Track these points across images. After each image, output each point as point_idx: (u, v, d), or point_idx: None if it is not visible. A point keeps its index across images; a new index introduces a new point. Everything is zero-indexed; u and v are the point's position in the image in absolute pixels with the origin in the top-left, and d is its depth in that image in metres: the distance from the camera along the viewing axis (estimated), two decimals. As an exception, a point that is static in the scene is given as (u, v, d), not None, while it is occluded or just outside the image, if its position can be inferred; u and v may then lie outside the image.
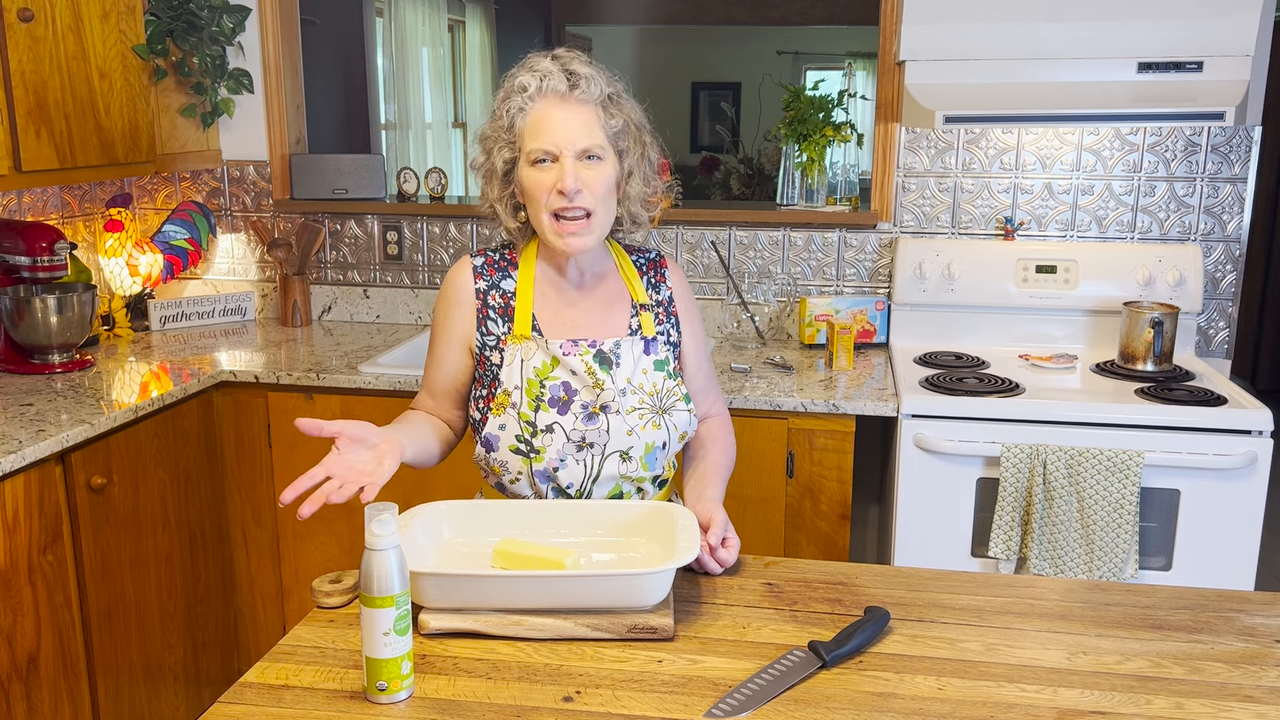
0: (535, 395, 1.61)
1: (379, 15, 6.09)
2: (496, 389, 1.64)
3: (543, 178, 1.57)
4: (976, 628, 1.47)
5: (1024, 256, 2.90)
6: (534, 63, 1.60)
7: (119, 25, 2.78)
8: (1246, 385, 2.77)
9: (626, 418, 1.62)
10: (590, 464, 1.63)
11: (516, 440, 1.62)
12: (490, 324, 1.67)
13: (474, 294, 1.68)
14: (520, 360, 1.63)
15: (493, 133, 1.63)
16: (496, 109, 1.62)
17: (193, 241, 3.28)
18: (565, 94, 1.57)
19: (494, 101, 1.64)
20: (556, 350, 1.63)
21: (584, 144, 1.57)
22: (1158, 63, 2.55)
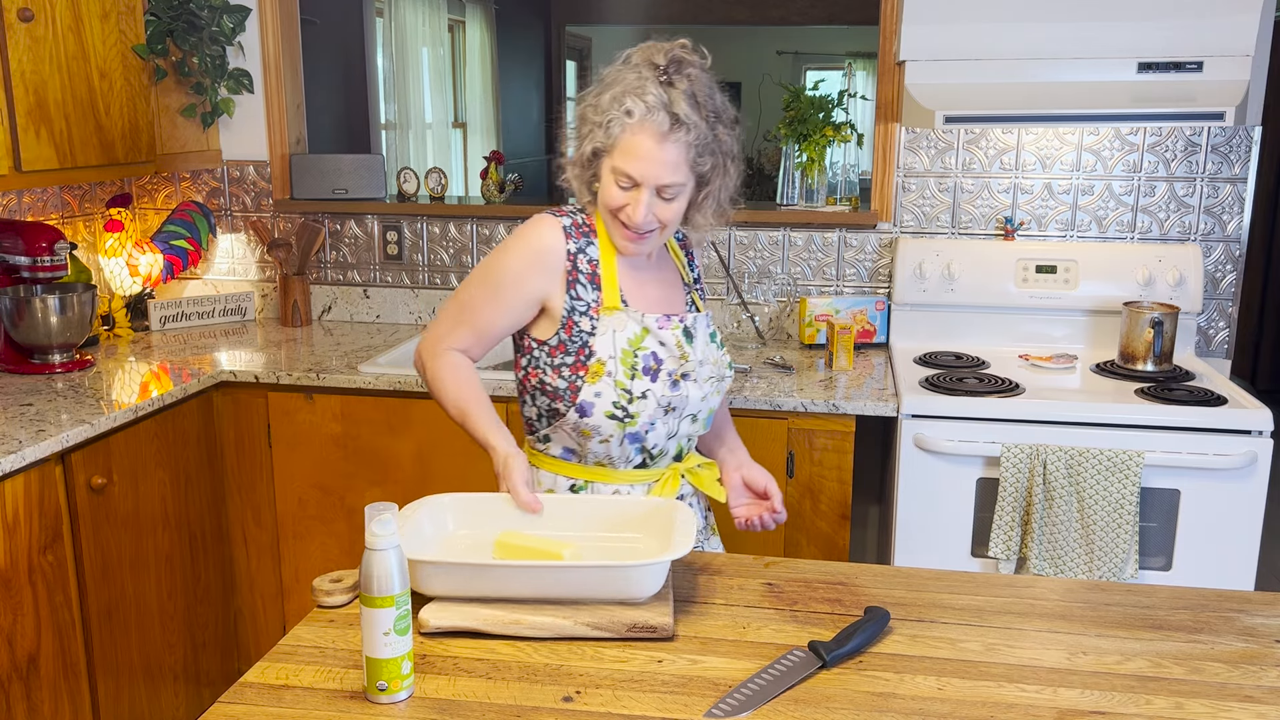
0: (630, 365, 1.68)
1: (379, 15, 6.10)
2: (587, 357, 1.69)
3: (619, 194, 1.65)
4: (976, 628, 1.47)
5: (1024, 256, 2.90)
6: (646, 86, 1.61)
7: (119, 25, 2.78)
8: (1246, 385, 2.77)
9: (702, 385, 1.74)
10: (671, 426, 1.74)
11: (613, 406, 1.68)
12: (580, 289, 1.70)
13: (565, 255, 1.70)
14: (613, 331, 1.69)
15: (589, 122, 1.67)
16: (600, 102, 1.66)
17: (193, 241, 3.28)
18: (665, 133, 1.60)
19: (598, 87, 1.68)
20: (650, 323, 1.71)
21: (666, 180, 1.63)
22: (1158, 63, 2.55)
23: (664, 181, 1.62)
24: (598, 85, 1.68)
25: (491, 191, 3.37)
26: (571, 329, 1.70)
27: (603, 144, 1.65)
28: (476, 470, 2.70)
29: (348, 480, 2.78)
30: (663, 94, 1.60)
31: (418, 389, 2.68)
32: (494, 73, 7.90)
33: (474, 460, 2.69)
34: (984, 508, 2.48)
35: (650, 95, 1.60)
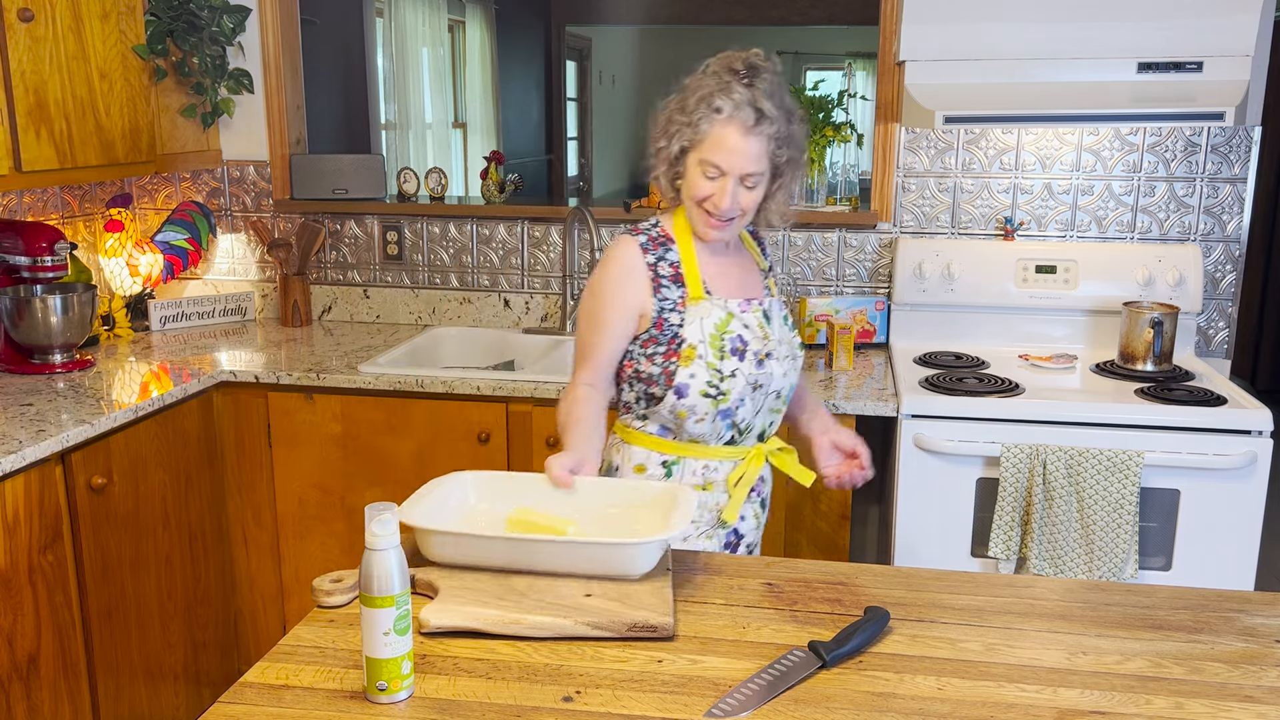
0: (719, 347, 1.85)
1: (379, 15, 6.10)
2: (678, 344, 1.85)
3: (706, 185, 1.81)
4: (976, 628, 1.47)
5: (1024, 256, 2.90)
6: (732, 86, 1.78)
7: (119, 25, 2.78)
8: (1246, 385, 2.77)
9: (782, 363, 1.90)
10: (758, 402, 1.88)
11: (707, 385, 1.83)
12: (665, 290, 1.87)
13: (645, 266, 1.88)
14: (700, 319, 1.85)
15: (676, 122, 1.83)
16: (688, 104, 1.81)
17: (193, 241, 3.28)
18: (751, 126, 1.77)
19: (680, 95, 1.84)
20: (734, 308, 1.88)
21: (749, 170, 1.79)
22: (1158, 63, 2.55)
23: (747, 170, 1.79)
24: (679, 93, 1.85)
25: (491, 191, 3.37)
26: (662, 325, 1.86)
27: (690, 140, 1.81)
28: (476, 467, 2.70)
29: (348, 480, 2.78)
30: (747, 93, 1.77)
31: (418, 389, 2.68)
32: (494, 73, 7.90)
33: (473, 461, 2.70)
34: (984, 508, 2.48)
35: (736, 94, 1.77)
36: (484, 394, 2.66)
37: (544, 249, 3.25)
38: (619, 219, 3.17)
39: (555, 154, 9.38)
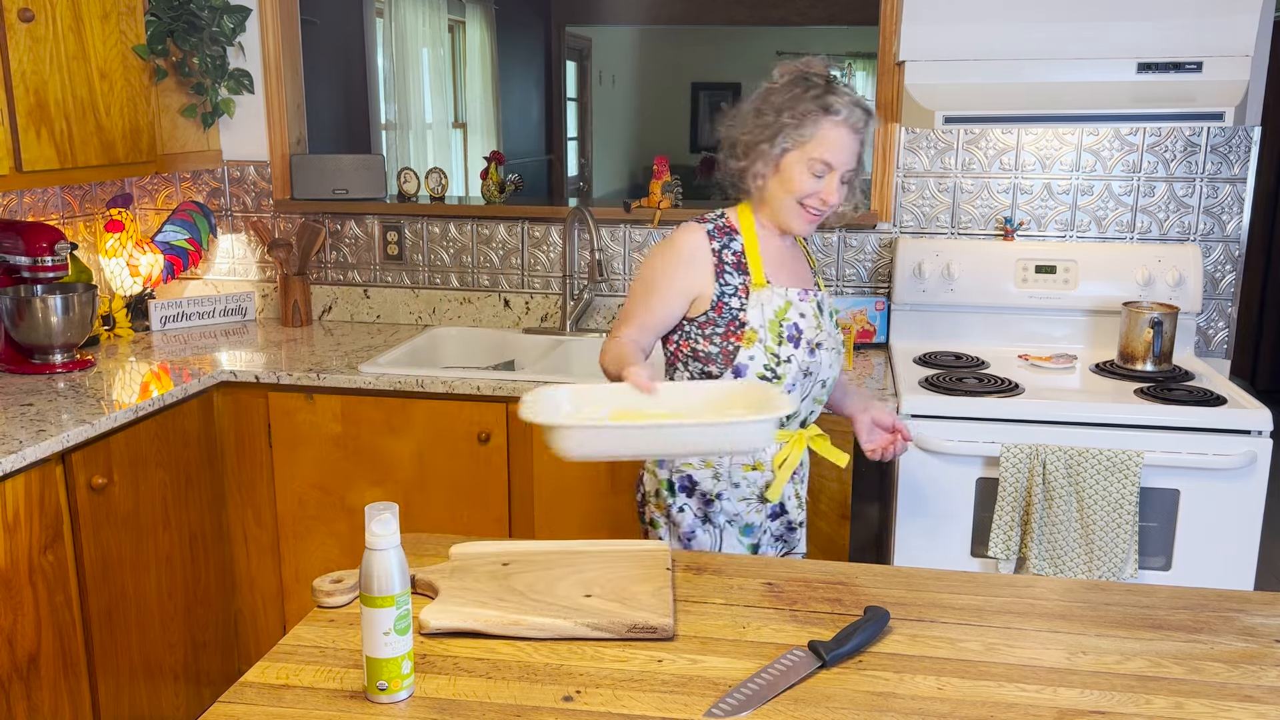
0: (778, 333, 1.96)
1: (379, 15, 6.10)
2: (738, 327, 1.95)
3: (811, 181, 1.92)
4: (976, 628, 1.47)
5: (1023, 256, 2.90)
6: (838, 90, 1.91)
7: (119, 25, 2.78)
8: (1246, 385, 2.77)
9: (829, 353, 2.02)
10: (805, 389, 2.00)
11: (764, 369, 1.95)
12: (728, 276, 1.97)
13: (710, 253, 1.98)
14: (762, 305, 1.96)
15: (782, 124, 1.90)
16: (793, 107, 1.90)
17: (193, 242, 3.28)
18: (859, 128, 1.92)
19: (765, 104, 1.92)
20: (793, 297, 1.99)
21: (851, 166, 1.94)
22: (1157, 63, 2.55)
23: (849, 167, 1.93)
24: (761, 101, 1.93)
25: (491, 191, 3.37)
26: (722, 309, 1.96)
27: (796, 140, 1.90)
28: (476, 470, 2.71)
29: (348, 480, 2.78)
30: (851, 95, 1.91)
31: (418, 389, 2.68)
32: (494, 73, 7.90)
33: (474, 461, 2.70)
34: (984, 507, 2.48)
35: (845, 96, 1.90)
36: (484, 394, 2.66)
37: (544, 249, 3.26)
38: (619, 219, 3.17)
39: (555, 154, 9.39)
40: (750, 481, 2.02)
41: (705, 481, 2.01)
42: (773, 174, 1.94)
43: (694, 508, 2.01)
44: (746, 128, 1.95)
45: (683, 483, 2.02)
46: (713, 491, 2.01)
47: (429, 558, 1.67)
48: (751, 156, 1.95)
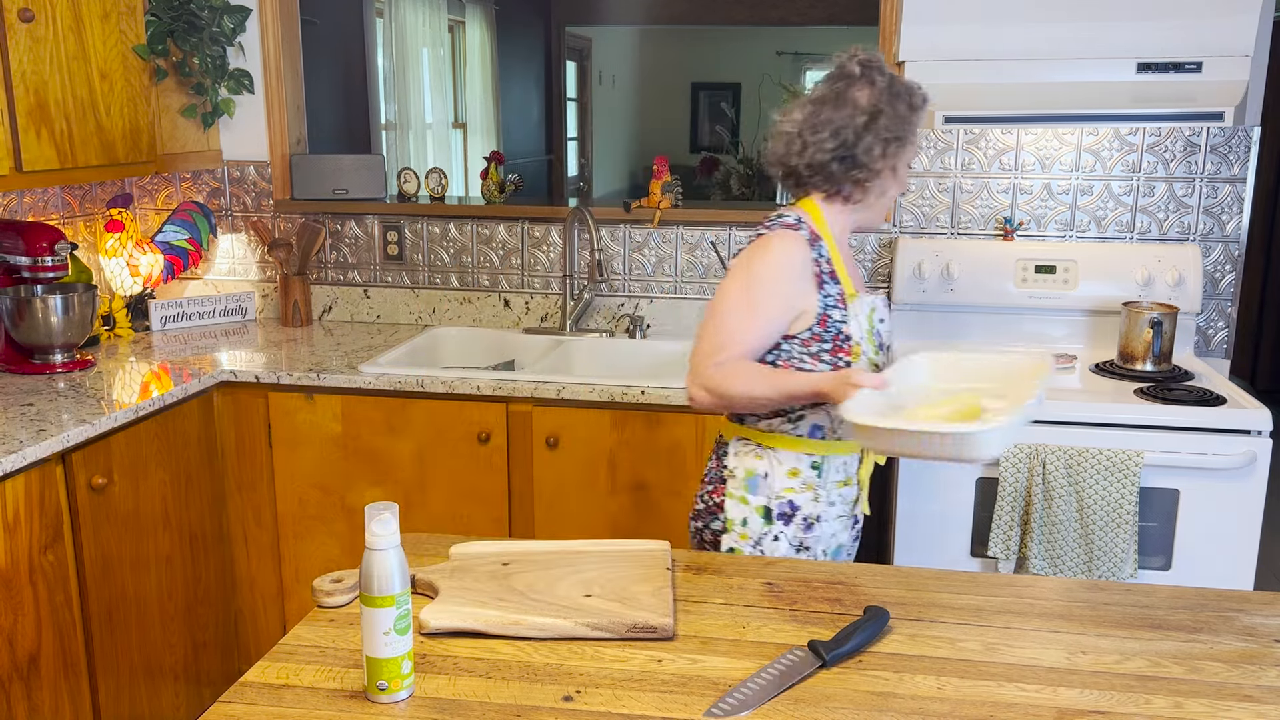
0: (874, 343, 1.93)
1: (379, 15, 6.10)
2: (843, 341, 1.88)
3: (906, 177, 1.96)
4: (976, 627, 1.47)
5: (1023, 257, 2.90)
6: (912, 87, 1.91)
7: (119, 25, 2.78)
8: (1245, 385, 2.77)
9: (894, 353, 1.97)
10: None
11: None
12: (827, 286, 1.88)
13: (811, 263, 1.87)
14: (858, 315, 1.90)
15: (899, 128, 1.87)
16: (920, 107, 1.90)
17: (193, 242, 3.28)
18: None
19: (900, 96, 1.87)
20: (876, 303, 1.95)
21: None
22: (1157, 63, 2.55)
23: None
24: (883, 101, 1.85)
25: (491, 192, 3.37)
26: (825, 323, 1.86)
27: (908, 139, 1.89)
28: (476, 470, 2.71)
29: (348, 480, 2.78)
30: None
31: (418, 389, 2.68)
32: (494, 73, 7.90)
33: (474, 461, 2.70)
34: (983, 507, 2.48)
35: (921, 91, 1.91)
36: (484, 394, 2.66)
37: (544, 249, 3.26)
38: (619, 219, 3.18)
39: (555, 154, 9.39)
40: (844, 498, 1.95)
41: (806, 505, 1.91)
42: (893, 174, 1.90)
43: (790, 535, 1.91)
44: (878, 130, 1.84)
45: (783, 509, 1.90)
46: (814, 515, 1.92)
47: (429, 558, 1.67)
48: (889, 159, 1.87)
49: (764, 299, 1.82)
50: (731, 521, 1.93)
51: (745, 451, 1.93)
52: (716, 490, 1.96)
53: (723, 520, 1.94)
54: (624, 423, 2.62)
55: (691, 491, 2.62)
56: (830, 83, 1.90)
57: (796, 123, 1.89)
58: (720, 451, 1.98)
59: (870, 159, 1.85)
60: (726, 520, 1.93)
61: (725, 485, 1.94)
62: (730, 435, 1.97)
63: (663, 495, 2.64)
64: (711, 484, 1.98)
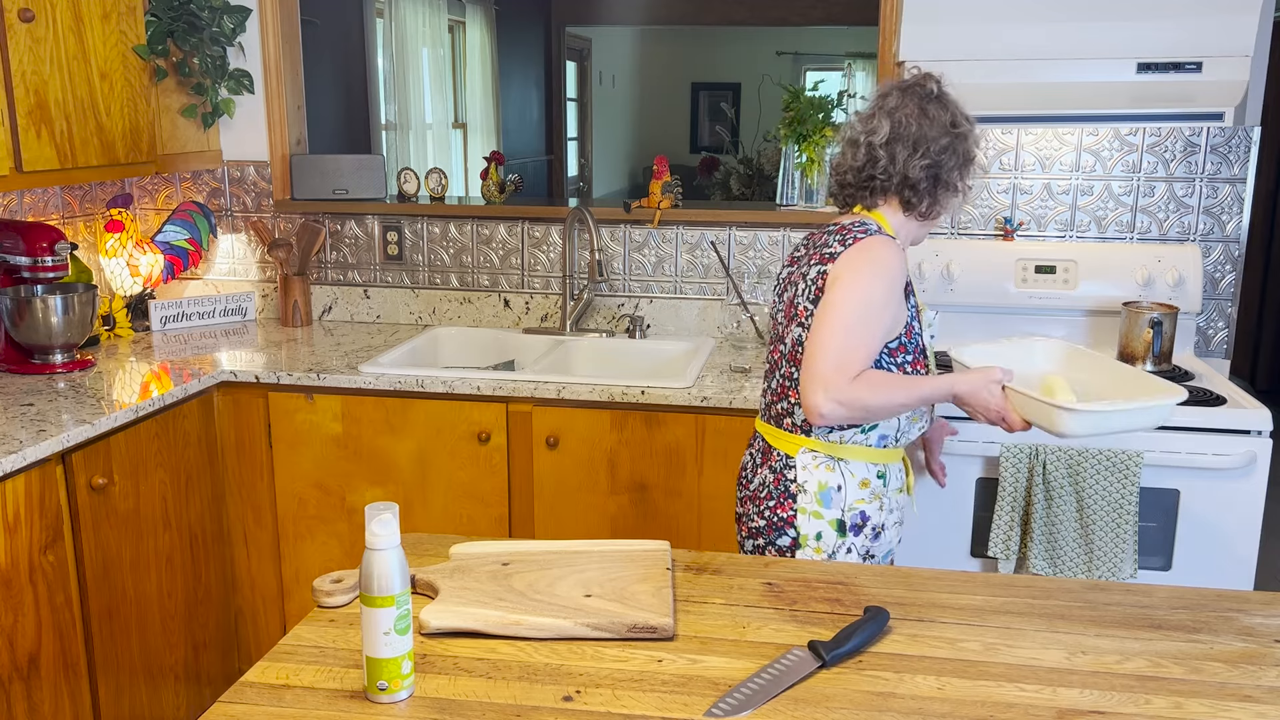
0: (933, 353, 1.99)
1: (379, 16, 6.10)
2: (922, 353, 1.93)
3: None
4: (976, 627, 1.47)
5: (1023, 257, 2.90)
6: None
7: (119, 26, 2.78)
8: (1245, 385, 2.77)
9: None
10: None
11: None
12: (911, 296, 1.94)
13: (905, 273, 1.90)
14: (926, 325, 1.97)
15: (965, 147, 1.94)
16: (974, 131, 1.96)
17: (193, 242, 3.28)
18: None
19: (968, 117, 1.95)
20: (933, 316, 2.03)
21: None
22: (1157, 63, 2.55)
23: None
24: (959, 117, 1.93)
25: (491, 192, 3.38)
26: (910, 333, 1.91)
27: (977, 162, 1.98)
28: (476, 470, 2.71)
29: (348, 480, 2.78)
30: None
31: (418, 389, 2.68)
32: (494, 73, 7.90)
33: (474, 461, 2.70)
34: (983, 508, 2.48)
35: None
36: (484, 394, 2.66)
37: (544, 249, 3.26)
38: (619, 219, 3.18)
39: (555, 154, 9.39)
40: (899, 505, 1.99)
41: (875, 514, 1.93)
42: (964, 193, 1.98)
43: (859, 546, 1.92)
44: (966, 150, 1.93)
45: (855, 520, 1.91)
46: (880, 524, 1.94)
47: (429, 558, 1.67)
48: (967, 178, 1.96)
49: (881, 308, 1.83)
50: (805, 537, 1.91)
51: (815, 464, 1.91)
52: (782, 505, 1.92)
53: (792, 536, 1.92)
54: (624, 423, 2.62)
55: (690, 491, 2.62)
56: (904, 97, 1.92)
57: (883, 135, 1.91)
58: (779, 465, 1.95)
59: (955, 178, 1.93)
60: (800, 536, 1.92)
61: (794, 500, 1.91)
62: (794, 448, 1.93)
63: (663, 495, 2.64)
64: (774, 499, 1.93)
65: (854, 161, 1.95)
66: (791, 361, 1.92)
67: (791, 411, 1.94)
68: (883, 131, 1.90)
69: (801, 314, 1.90)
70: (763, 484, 1.97)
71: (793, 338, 1.92)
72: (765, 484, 1.97)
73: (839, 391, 1.76)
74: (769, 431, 2.01)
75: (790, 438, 1.95)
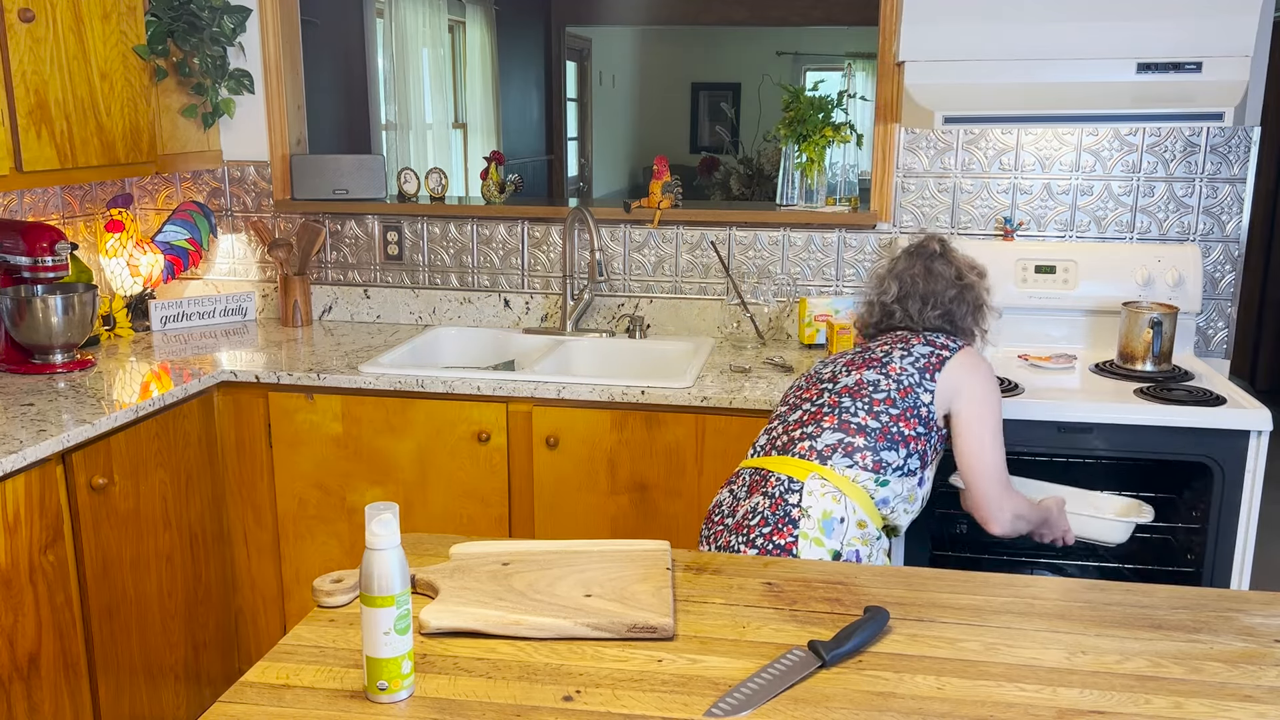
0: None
1: (379, 16, 6.10)
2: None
3: None
4: (976, 627, 1.47)
5: (1023, 257, 2.90)
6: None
7: (120, 26, 2.78)
8: (1245, 385, 2.77)
9: None
10: None
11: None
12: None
13: None
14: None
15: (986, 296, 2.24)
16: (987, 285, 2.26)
17: (193, 242, 3.28)
18: None
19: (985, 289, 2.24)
20: None
21: None
22: (1157, 63, 2.55)
23: None
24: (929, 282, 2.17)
25: (491, 192, 3.38)
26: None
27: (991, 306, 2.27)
28: (476, 470, 2.71)
29: (348, 480, 2.78)
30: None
31: (418, 389, 2.68)
32: (494, 73, 7.90)
33: (474, 461, 2.70)
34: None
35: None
36: (484, 394, 2.67)
37: (544, 249, 3.26)
38: (619, 219, 3.18)
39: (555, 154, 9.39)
40: (883, 546, 2.05)
41: (865, 557, 1.94)
42: (984, 335, 2.25)
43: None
44: (971, 295, 2.18)
45: (850, 556, 1.91)
46: (868, 561, 1.97)
47: (429, 558, 1.67)
48: (980, 319, 2.21)
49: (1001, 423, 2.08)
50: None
51: (823, 492, 1.90)
52: (779, 532, 1.89)
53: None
54: (624, 423, 2.62)
55: (690, 491, 2.62)
56: (911, 259, 2.20)
57: (892, 294, 2.18)
58: (778, 490, 1.92)
59: (970, 323, 2.18)
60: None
61: (796, 525, 1.88)
62: (804, 473, 1.92)
63: (662, 495, 2.64)
64: (770, 526, 1.90)
65: (871, 318, 2.23)
66: (854, 397, 2.01)
67: (814, 436, 1.97)
68: (892, 291, 2.17)
69: (893, 370, 2.03)
70: (753, 511, 1.93)
71: (860, 379, 2.05)
72: (757, 511, 1.93)
73: (1019, 507, 2.05)
74: (768, 462, 1.99)
75: (800, 463, 1.93)
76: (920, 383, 1.99)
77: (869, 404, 1.97)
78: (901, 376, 2.00)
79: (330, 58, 5.56)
